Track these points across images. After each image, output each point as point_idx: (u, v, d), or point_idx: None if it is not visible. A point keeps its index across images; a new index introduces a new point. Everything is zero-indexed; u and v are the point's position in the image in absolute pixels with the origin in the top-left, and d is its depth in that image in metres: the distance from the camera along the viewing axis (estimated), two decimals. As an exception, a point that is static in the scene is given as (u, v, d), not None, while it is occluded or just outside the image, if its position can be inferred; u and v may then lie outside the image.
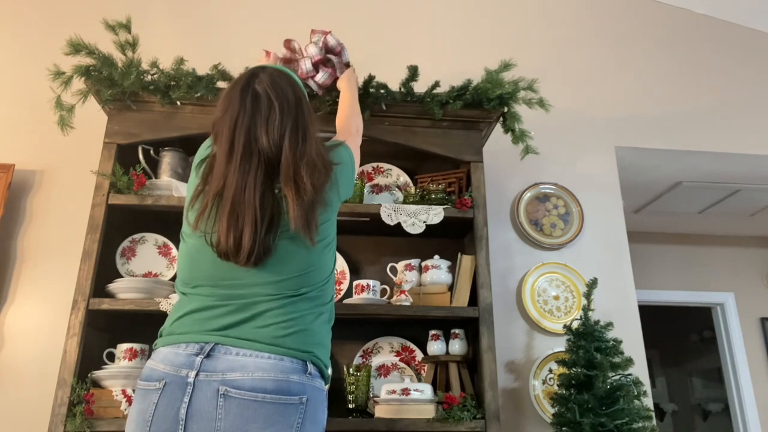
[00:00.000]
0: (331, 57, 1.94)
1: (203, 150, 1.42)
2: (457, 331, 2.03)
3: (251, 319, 1.21)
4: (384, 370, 2.09)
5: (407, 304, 1.97)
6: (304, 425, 1.15)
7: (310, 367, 1.21)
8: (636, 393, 1.85)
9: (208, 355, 1.16)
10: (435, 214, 1.99)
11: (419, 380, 2.06)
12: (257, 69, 1.36)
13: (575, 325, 1.97)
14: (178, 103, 1.96)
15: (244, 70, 1.39)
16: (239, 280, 1.23)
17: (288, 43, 1.97)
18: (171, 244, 2.08)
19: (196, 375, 1.14)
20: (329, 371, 1.31)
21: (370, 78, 2.01)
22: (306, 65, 1.91)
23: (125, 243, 2.05)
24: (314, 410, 1.18)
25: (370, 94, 2.01)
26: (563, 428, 1.85)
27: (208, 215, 1.22)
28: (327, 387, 1.29)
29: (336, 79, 1.95)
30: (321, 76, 1.92)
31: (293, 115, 1.29)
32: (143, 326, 1.89)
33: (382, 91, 2.02)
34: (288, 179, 1.22)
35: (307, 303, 1.26)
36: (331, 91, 1.98)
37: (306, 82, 1.91)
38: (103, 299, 1.81)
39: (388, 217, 1.98)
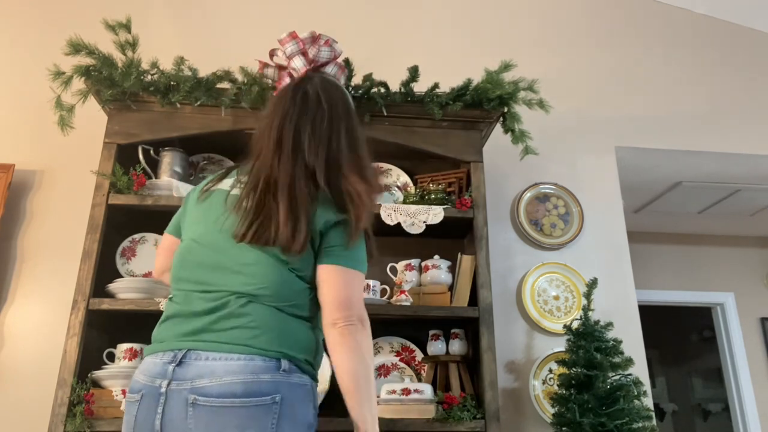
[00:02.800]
0: (326, 67, 1.90)
1: (201, 185, 1.41)
2: (457, 331, 2.03)
3: (223, 319, 1.17)
4: (384, 370, 2.08)
5: (407, 304, 1.97)
6: (280, 425, 1.11)
7: (284, 364, 1.16)
8: (636, 393, 1.85)
9: (180, 363, 1.14)
10: (435, 215, 1.99)
11: (419, 380, 2.05)
12: (310, 74, 1.44)
13: (575, 325, 1.97)
14: (178, 104, 1.96)
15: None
16: (216, 283, 1.21)
17: (272, 52, 1.94)
18: (171, 244, 2.08)
19: (168, 384, 1.13)
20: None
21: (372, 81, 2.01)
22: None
23: (125, 243, 2.05)
24: (292, 408, 1.14)
25: (371, 95, 2.01)
26: (563, 428, 1.85)
27: (248, 205, 1.23)
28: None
29: None
30: None
31: (341, 120, 1.34)
32: (143, 326, 1.88)
33: (382, 90, 2.02)
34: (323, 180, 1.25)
35: (285, 309, 1.21)
36: None
37: None
38: (103, 299, 1.81)
39: (388, 217, 1.98)
